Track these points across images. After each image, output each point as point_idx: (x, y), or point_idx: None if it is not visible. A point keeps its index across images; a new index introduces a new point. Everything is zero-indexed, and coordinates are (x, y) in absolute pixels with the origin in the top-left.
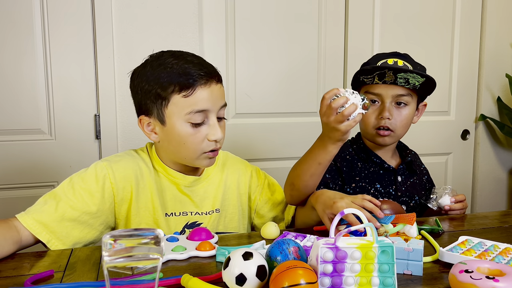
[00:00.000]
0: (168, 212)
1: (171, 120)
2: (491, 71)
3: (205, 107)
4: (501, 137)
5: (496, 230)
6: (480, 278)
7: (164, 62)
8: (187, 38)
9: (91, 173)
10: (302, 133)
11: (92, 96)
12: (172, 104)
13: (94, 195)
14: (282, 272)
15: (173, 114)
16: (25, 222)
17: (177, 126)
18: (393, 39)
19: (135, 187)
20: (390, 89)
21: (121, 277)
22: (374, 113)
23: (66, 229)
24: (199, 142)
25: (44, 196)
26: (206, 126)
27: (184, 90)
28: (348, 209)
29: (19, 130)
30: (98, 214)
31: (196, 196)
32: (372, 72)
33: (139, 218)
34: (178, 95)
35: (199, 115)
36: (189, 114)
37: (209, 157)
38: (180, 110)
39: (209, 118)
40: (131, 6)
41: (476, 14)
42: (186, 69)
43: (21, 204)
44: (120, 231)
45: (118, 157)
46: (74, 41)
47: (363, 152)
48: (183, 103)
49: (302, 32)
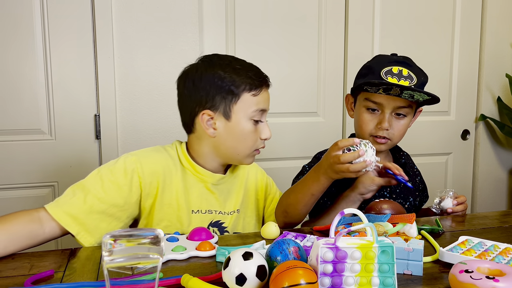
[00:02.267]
0: (195, 209)
1: (237, 116)
2: (491, 71)
3: (265, 107)
4: (501, 137)
5: (496, 230)
6: (480, 278)
7: (230, 63)
8: (187, 38)
9: (120, 166)
10: (302, 133)
11: (92, 96)
12: (241, 101)
13: (122, 188)
14: (282, 272)
15: (240, 110)
16: (55, 214)
17: (242, 122)
18: (393, 39)
19: (161, 184)
20: (392, 101)
21: (121, 277)
22: (373, 121)
23: (94, 221)
24: (255, 139)
25: (72, 187)
26: (260, 126)
27: (254, 89)
28: (348, 209)
29: (19, 130)
30: (125, 207)
31: (221, 195)
32: (379, 86)
33: (162, 214)
34: (248, 93)
35: (260, 114)
36: (254, 112)
37: (255, 154)
38: (247, 107)
39: (264, 118)
40: (131, 6)
41: (476, 14)
42: (256, 70)
43: (21, 204)
44: (120, 231)
45: (147, 152)
46: (74, 41)
47: None
48: (251, 101)
49: (302, 32)
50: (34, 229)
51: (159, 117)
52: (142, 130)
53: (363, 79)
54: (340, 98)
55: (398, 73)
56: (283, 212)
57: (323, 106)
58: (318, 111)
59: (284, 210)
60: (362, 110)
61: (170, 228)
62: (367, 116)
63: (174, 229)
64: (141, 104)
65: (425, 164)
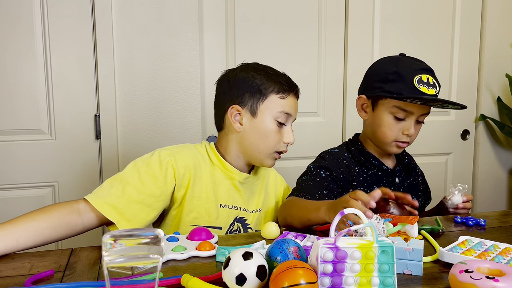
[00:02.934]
0: (222, 203)
1: (262, 114)
2: (491, 71)
3: (291, 112)
4: (501, 137)
5: (496, 230)
6: (480, 278)
7: (265, 68)
8: (187, 38)
9: (155, 159)
10: (302, 133)
11: (92, 96)
12: (268, 101)
13: (158, 179)
14: (282, 272)
15: (266, 109)
16: (97, 205)
17: (266, 121)
18: (393, 39)
19: (193, 176)
20: (422, 109)
21: (121, 277)
22: (398, 127)
23: (133, 211)
24: (277, 140)
25: (109, 180)
26: (284, 129)
27: (282, 93)
28: (348, 209)
29: (19, 130)
30: (161, 197)
31: (246, 193)
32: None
33: (192, 206)
34: (275, 95)
35: (284, 117)
36: (279, 113)
37: (276, 157)
38: (273, 107)
39: (288, 123)
40: (131, 6)
41: (476, 14)
42: (286, 77)
43: (21, 204)
44: (120, 231)
45: (179, 147)
46: (74, 41)
47: (362, 155)
48: (277, 102)
49: (302, 32)
50: (73, 219)
51: (159, 117)
52: (142, 130)
53: (392, 85)
54: (340, 98)
55: (427, 81)
56: (284, 218)
57: (323, 106)
58: (318, 111)
59: (285, 217)
60: (388, 117)
61: (198, 220)
62: (393, 123)
63: (202, 221)
64: (141, 104)
65: (425, 164)
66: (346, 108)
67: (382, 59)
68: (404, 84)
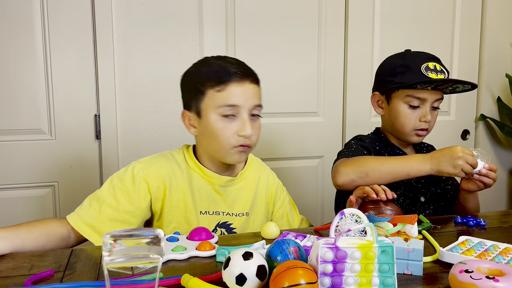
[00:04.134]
0: (202, 210)
1: (206, 113)
2: (491, 71)
3: (237, 102)
4: (501, 137)
5: (496, 230)
6: (480, 278)
7: (206, 62)
8: (187, 38)
9: (129, 174)
10: (302, 133)
11: (92, 96)
12: (207, 98)
13: (131, 195)
14: (282, 272)
15: (207, 107)
16: (75, 224)
17: (211, 119)
18: (393, 39)
19: (168, 187)
20: (434, 94)
21: (121, 277)
22: (415, 115)
23: (110, 228)
24: (229, 135)
25: (88, 198)
26: (237, 122)
27: (218, 86)
28: (348, 209)
29: (19, 130)
30: (136, 212)
31: (229, 196)
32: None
33: (171, 216)
34: (212, 89)
35: (230, 109)
36: (220, 107)
37: (239, 151)
38: (213, 104)
39: (241, 114)
40: (131, 6)
41: (476, 14)
42: (224, 67)
43: (21, 204)
44: (120, 231)
45: (154, 158)
46: (74, 41)
47: (387, 145)
48: (216, 97)
49: (302, 32)
50: (65, 233)
51: (159, 117)
52: (142, 130)
53: (402, 76)
54: (340, 98)
55: (434, 68)
56: (362, 172)
57: (323, 106)
58: (318, 111)
59: (365, 171)
60: (403, 107)
61: (179, 229)
62: (409, 112)
63: (183, 230)
64: (141, 104)
65: None
66: (346, 108)
67: (389, 57)
68: (413, 73)
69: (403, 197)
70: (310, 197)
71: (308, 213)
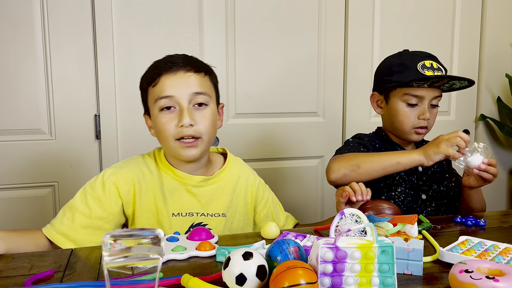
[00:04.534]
0: (175, 212)
1: (152, 112)
2: (491, 71)
3: (170, 93)
4: (501, 137)
5: (496, 230)
6: (480, 278)
7: (151, 65)
8: (187, 38)
9: (99, 181)
10: (302, 133)
11: (92, 96)
12: (149, 97)
13: (102, 201)
14: (282, 272)
15: (151, 106)
16: (50, 235)
17: (154, 117)
18: (393, 39)
19: (138, 190)
20: (431, 92)
21: (121, 277)
22: (413, 114)
23: (83, 236)
24: (170, 128)
25: (63, 208)
26: (176, 113)
27: (153, 82)
28: (348, 209)
29: (19, 130)
30: (109, 218)
31: (203, 197)
32: (429, 79)
33: (143, 220)
34: (150, 87)
35: (165, 101)
36: (157, 100)
37: (184, 146)
38: (152, 99)
39: (179, 104)
40: (131, 6)
41: (476, 14)
42: (157, 64)
43: (21, 204)
44: (120, 231)
45: (124, 163)
46: (74, 41)
47: (388, 144)
48: (153, 93)
49: (302, 32)
50: (46, 243)
51: None
52: (142, 130)
53: (399, 75)
54: (340, 98)
55: (431, 66)
56: (354, 165)
57: (323, 106)
58: (318, 111)
59: (356, 163)
60: (402, 105)
61: None
62: (408, 110)
63: None
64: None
65: None
66: (346, 108)
67: (387, 57)
68: (409, 71)
69: (404, 195)
70: (310, 197)
71: (308, 213)
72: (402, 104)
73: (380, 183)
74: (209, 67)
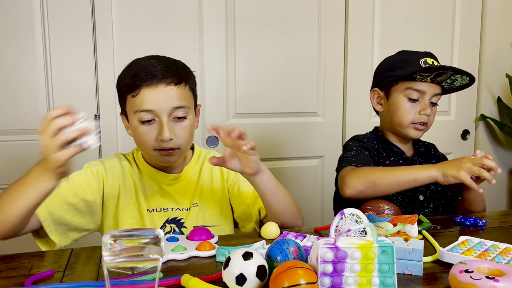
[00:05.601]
0: (150, 208)
1: (130, 118)
2: (491, 71)
3: (151, 107)
4: (501, 137)
5: (496, 230)
6: (480, 278)
7: (130, 64)
8: (187, 38)
9: (89, 170)
10: (302, 133)
11: (92, 96)
12: (128, 104)
13: (92, 186)
14: (282, 272)
15: (129, 112)
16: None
17: (133, 124)
18: (393, 40)
19: (122, 185)
20: (432, 88)
21: (121, 277)
22: (414, 109)
23: (62, 211)
24: (150, 139)
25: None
26: (156, 125)
27: (132, 91)
28: (348, 209)
29: (19, 130)
30: (92, 205)
31: (177, 194)
32: (433, 71)
33: (127, 212)
34: (129, 95)
35: (146, 114)
36: (137, 113)
37: (163, 154)
38: (131, 109)
39: (159, 118)
40: (131, 6)
41: (476, 14)
42: (137, 71)
43: None
44: (120, 231)
45: (108, 158)
46: (74, 41)
47: (384, 143)
48: (132, 103)
49: (302, 32)
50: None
51: None
52: None
53: (401, 69)
54: (340, 98)
55: (432, 63)
56: (370, 182)
57: (323, 106)
58: (318, 111)
59: (373, 181)
60: (402, 100)
61: (137, 225)
62: (408, 105)
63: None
64: None
65: None
66: (346, 108)
67: (386, 57)
68: (412, 66)
69: (401, 196)
70: (310, 197)
71: (308, 213)
72: (403, 99)
73: None
74: (188, 71)
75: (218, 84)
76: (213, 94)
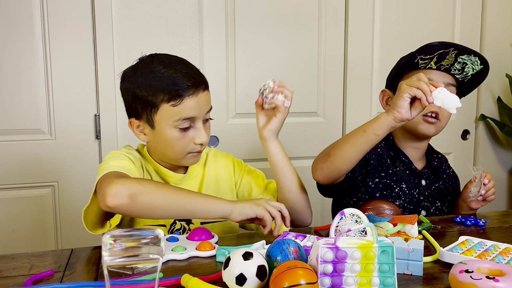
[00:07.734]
0: None
1: (160, 125)
2: (491, 71)
3: (192, 114)
4: (501, 137)
5: (496, 230)
6: (480, 278)
7: (154, 70)
8: (187, 38)
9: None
10: (302, 133)
11: (92, 96)
12: (161, 112)
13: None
14: (282, 272)
15: (162, 120)
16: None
17: (166, 131)
18: (393, 39)
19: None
20: (442, 77)
21: (121, 277)
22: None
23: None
24: (186, 145)
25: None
26: (192, 131)
27: (173, 100)
28: (348, 209)
29: (19, 130)
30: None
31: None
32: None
33: None
34: (167, 104)
35: (186, 122)
36: (177, 121)
37: (194, 156)
38: (168, 117)
39: (196, 123)
40: (131, 6)
41: (476, 14)
42: (175, 79)
43: (21, 204)
44: (120, 231)
45: (129, 149)
46: (74, 41)
47: (393, 150)
48: (172, 111)
49: (302, 32)
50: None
51: None
52: None
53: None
54: (340, 98)
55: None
56: (325, 155)
57: (323, 106)
58: (318, 111)
59: (327, 153)
60: None
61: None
62: None
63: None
64: None
65: None
66: (346, 108)
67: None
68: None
69: (401, 209)
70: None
71: None
72: None
73: (376, 194)
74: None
75: (218, 84)
76: (213, 94)
